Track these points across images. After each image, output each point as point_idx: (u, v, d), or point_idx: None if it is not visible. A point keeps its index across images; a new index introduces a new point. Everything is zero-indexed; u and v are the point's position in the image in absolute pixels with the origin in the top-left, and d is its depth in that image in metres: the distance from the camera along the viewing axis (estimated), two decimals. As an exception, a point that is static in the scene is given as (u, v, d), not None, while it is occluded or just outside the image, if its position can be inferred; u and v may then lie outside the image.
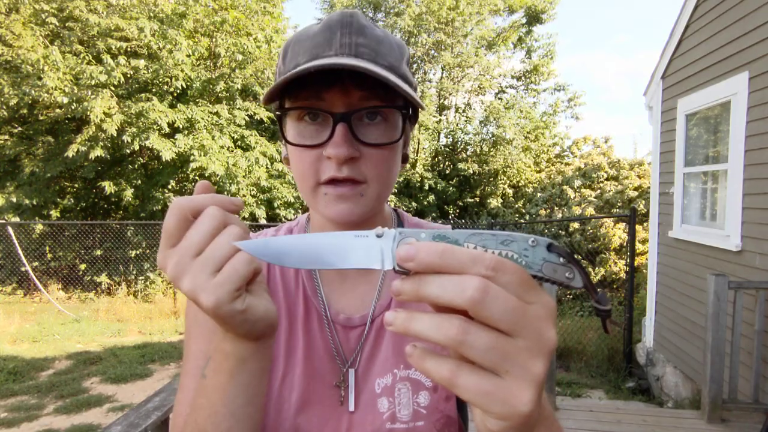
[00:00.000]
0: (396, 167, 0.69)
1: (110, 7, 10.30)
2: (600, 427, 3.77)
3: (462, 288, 0.32)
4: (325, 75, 0.60)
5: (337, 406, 0.67)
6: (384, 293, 0.73)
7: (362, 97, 0.62)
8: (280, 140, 0.77)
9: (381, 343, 0.70)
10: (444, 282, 0.33)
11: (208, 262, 0.45)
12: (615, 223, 10.39)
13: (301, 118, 0.63)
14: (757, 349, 3.69)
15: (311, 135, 0.63)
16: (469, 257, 0.33)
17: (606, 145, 15.31)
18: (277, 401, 0.67)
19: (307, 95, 0.62)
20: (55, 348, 6.86)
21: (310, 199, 0.66)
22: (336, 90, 0.61)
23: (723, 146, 4.74)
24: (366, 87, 0.61)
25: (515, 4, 17.14)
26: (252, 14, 11.33)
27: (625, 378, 6.03)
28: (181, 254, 0.45)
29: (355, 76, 0.60)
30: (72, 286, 10.46)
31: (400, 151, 0.69)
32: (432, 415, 0.67)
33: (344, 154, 0.60)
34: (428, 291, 0.34)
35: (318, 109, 0.61)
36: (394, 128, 0.65)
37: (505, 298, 0.33)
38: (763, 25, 4.03)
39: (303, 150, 0.63)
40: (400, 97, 0.64)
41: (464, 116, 17.03)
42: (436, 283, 0.33)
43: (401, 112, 0.65)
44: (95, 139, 9.60)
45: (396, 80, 0.60)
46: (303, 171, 0.64)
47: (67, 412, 4.81)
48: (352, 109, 0.61)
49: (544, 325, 0.34)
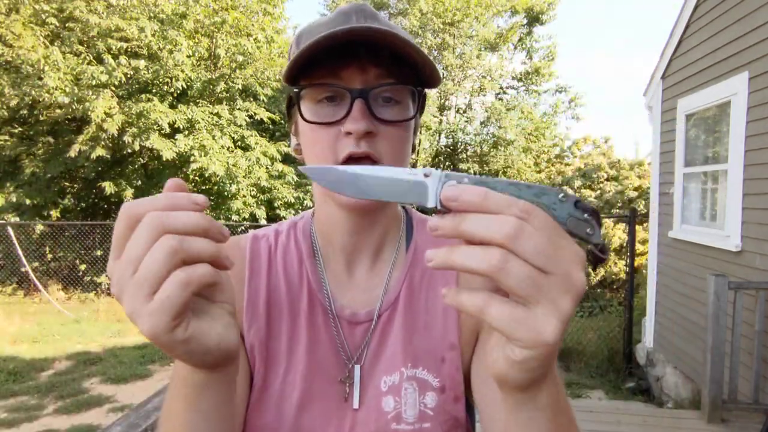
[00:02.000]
0: (408, 149, 0.69)
1: (110, 8, 10.31)
2: (600, 428, 3.77)
3: (501, 224, 0.35)
4: (342, 52, 0.60)
5: (340, 403, 0.66)
6: (391, 288, 0.71)
7: (378, 75, 0.62)
8: (288, 128, 0.76)
9: (387, 340, 0.69)
10: (483, 219, 0.36)
11: (143, 284, 0.38)
12: (615, 223, 10.39)
13: (318, 100, 0.63)
14: (757, 350, 3.69)
15: (328, 115, 0.63)
16: (506, 201, 0.36)
17: (606, 145, 15.34)
18: (279, 398, 0.66)
19: (323, 73, 0.62)
20: (55, 348, 6.86)
21: None
22: (353, 68, 0.61)
23: (723, 146, 4.74)
24: (382, 64, 0.62)
25: (517, 5, 17.15)
26: (252, 15, 11.34)
27: (625, 378, 6.03)
28: (121, 270, 0.39)
29: (372, 53, 0.61)
30: (72, 286, 10.46)
31: (412, 132, 0.70)
32: (439, 417, 0.66)
33: (363, 128, 0.60)
34: (469, 226, 0.36)
35: (335, 85, 0.62)
36: (407, 109, 0.66)
37: (539, 237, 0.35)
38: (763, 25, 4.03)
39: (320, 129, 0.63)
40: (413, 78, 0.65)
41: (465, 117, 17.04)
42: (476, 220, 0.36)
43: (415, 90, 0.66)
44: (96, 139, 9.61)
45: (420, 51, 0.61)
46: (320, 151, 0.64)
47: (67, 413, 4.81)
48: (370, 85, 0.62)
49: (573, 267, 0.36)
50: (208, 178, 10.48)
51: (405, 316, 0.69)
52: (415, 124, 0.71)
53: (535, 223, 0.36)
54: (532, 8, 17.24)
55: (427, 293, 0.71)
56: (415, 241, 0.76)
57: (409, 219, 0.80)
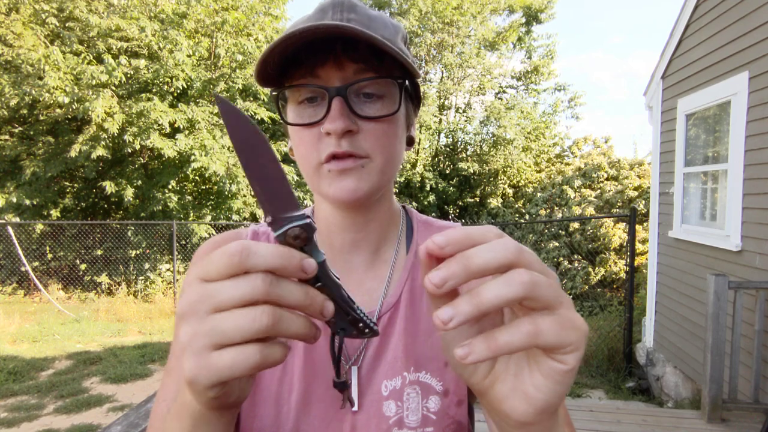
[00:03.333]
0: (399, 143, 0.67)
1: (110, 7, 10.31)
2: (600, 427, 3.77)
3: (502, 246, 0.36)
4: (318, 51, 0.59)
5: (339, 406, 0.65)
6: (391, 290, 0.70)
7: (357, 70, 0.61)
8: (284, 131, 0.75)
9: (388, 343, 0.67)
10: (484, 248, 0.36)
11: (217, 333, 0.37)
12: (615, 223, 10.39)
13: (299, 101, 0.63)
14: (757, 349, 3.69)
15: (309, 115, 0.62)
16: (480, 230, 0.38)
17: (606, 145, 15.33)
18: (276, 402, 0.65)
19: (302, 73, 0.61)
20: (55, 348, 6.86)
21: (314, 182, 0.65)
22: (330, 65, 0.60)
23: (723, 146, 4.74)
24: (360, 59, 0.60)
25: (515, 4, 17.15)
26: (252, 15, 11.34)
27: (625, 378, 6.03)
28: (203, 301, 0.37)
29: (348, 48, 0.59)
30: (72, 286, 10.47)
31: (401, 126, 0.68)
32: (442, 421, 0.64)
33: (341, 126, 0.59)
34: (479, 260, 0.35)
35: (312, 85, 0.61)
36: (392, 103, 0.64)
37: (528, 254, 0.37)
38: (763, 25, 4.03)
39: (303, 130, 0.63)
40: (396, 69, 0.63)
41: (464, 116, 17.04)
42: (481, 252, 0.36)
43: (398, 83, 0.64)
44: (96, 139, 9.61)
45: (383, 41, 0.58)
46: (304, 152, 0.64)
47: (67, 412, 4.81)
48: (347, 82, 0.60)
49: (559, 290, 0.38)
50: (209, 178, 10.48)
51: (407, 321, 0.68)
52: (409, 117, 0.70)
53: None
54: (531, 6, 17.24)
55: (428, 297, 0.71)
56: (416, 243, 0.75)
57: (409, 219, 0.78)
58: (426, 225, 0.78)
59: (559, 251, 10.88)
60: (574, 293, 10.03)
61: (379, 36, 0.59)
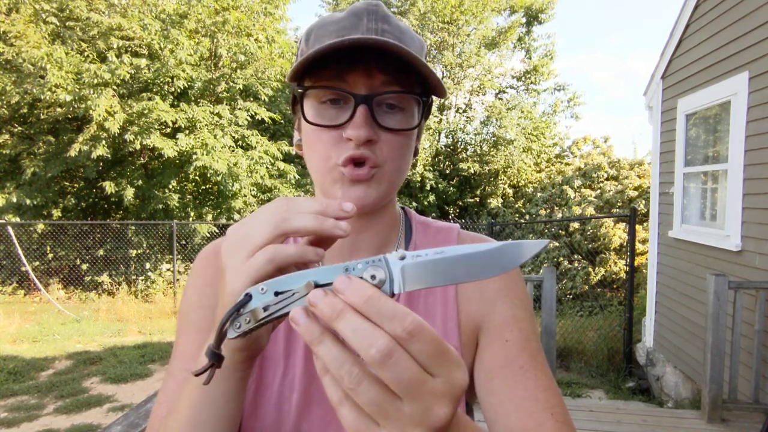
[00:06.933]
0: (410, 157, 0.68)
1: (111, 7, 10.31)
2: (600, 427, 3.77)
3: (369, 342, 0.33)
4: (350, 55, 0.59)
5: None
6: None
7: (385, 82, 0.62)
8: (292, 126, 0.76)
9: None
10: (358, 327, 0.34)
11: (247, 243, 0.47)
12: (615, 223, 10.39)
13: (322, 101, 0.63)
14: (757, 349, 3.69)
15: (331, 117, 0.63)
16: (391, 313, 0.34)
17: (606, 145, 15.31)
18: (278, 402, 0.65)
19: (329, 75, 0.61)
20: (55, 348, 6.86)
21: (325, 181, 0.65)
22: (359, 72, 0.61)
23: (723, 146, 4.74)
24: (389, 71, 0.61)
25: (516, 4, 17.15)
26: (253, 15, 11.34)
27: (625, 378, 6.03)
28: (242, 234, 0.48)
29: (380, 59, 0.60)
30: (72, 286, 10.47)
31: (414, 140, 0.69)
32: None
33: (364, 135, 0.60)
34: (342, 327, 0.34)
35: (340, 89, 0.61)
36: (411, 117, 0.65)
37: (406, 366, 0.33)
38: (763, 25, 4.03)
39: (322, 131, 0.63)
40: (418, 85, 0.64)
41: (465, 116, 17.03)
42: (351, 325, 0.34)
43: (420, 100, 0.65)
44: (97, 139, 9.60)
45: (424, 63, 0.60)
46: (321, 152, 0.64)
47: (67, 412, 4.81)
48: (375, 92, 0.61)
49: (437, 401, 0.35)
50: (209, 178, 10.48)
51: None
52: (419, 130, 0.71)
53: (414, 347, 0.34)
54: (531, 7, 17.23)
55: (426, 298, 0.71)
56: (414, 243, 0.75)
57: (408, 221, 0.79)
58: (424, 226, 0.79)
59: (559, 251, 10.87)
60: (574, 293, 10.03)
61: (413, 52, 0.61)
